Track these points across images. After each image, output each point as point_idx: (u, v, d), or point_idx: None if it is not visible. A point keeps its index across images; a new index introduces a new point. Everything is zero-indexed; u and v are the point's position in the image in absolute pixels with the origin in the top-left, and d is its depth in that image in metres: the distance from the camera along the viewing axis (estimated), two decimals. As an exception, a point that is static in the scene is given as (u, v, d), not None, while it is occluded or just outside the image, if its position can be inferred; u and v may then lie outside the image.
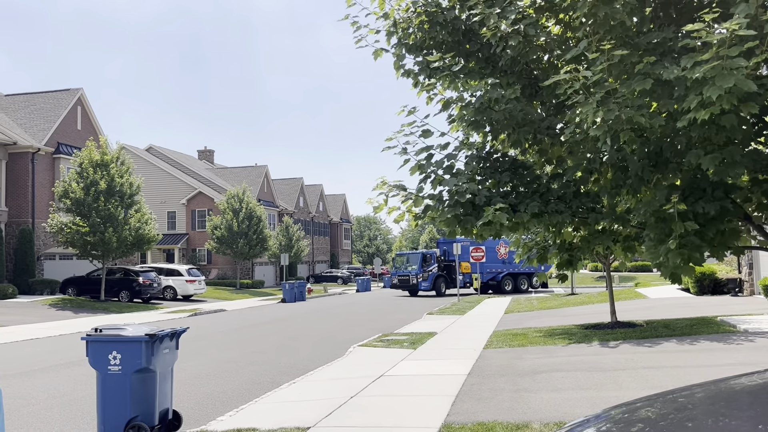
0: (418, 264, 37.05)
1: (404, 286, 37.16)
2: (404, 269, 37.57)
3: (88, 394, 8.48)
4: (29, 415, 7.83)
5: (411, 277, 36.64)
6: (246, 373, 10.71)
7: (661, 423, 2.38)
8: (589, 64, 5.97)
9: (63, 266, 32.59)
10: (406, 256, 38.97)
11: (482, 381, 8.82)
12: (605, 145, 5.79)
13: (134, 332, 6.38)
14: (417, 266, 37.01)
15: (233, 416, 7.33)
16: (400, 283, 37.53)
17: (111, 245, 26.58)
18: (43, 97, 35.32)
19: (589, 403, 7.13)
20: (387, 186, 7.11)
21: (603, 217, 7.14)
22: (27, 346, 15.12)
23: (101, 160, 27.51)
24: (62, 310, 24.54)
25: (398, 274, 37.98)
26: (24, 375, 10.76)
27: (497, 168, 7.40)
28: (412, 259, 37.91)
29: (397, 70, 7.49)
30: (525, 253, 10.39)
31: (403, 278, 37.31)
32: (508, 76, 7.15)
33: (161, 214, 45.82)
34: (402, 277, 37.38)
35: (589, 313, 18.57)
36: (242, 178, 50.73)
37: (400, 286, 37.64)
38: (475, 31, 7.14)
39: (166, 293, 32.10)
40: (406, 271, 37.28)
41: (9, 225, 30.80)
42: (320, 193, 67.07)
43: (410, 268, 37.13)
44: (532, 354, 11.15)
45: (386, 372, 9.83)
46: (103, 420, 6.35)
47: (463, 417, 6.77)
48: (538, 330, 14.77)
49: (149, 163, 47.38)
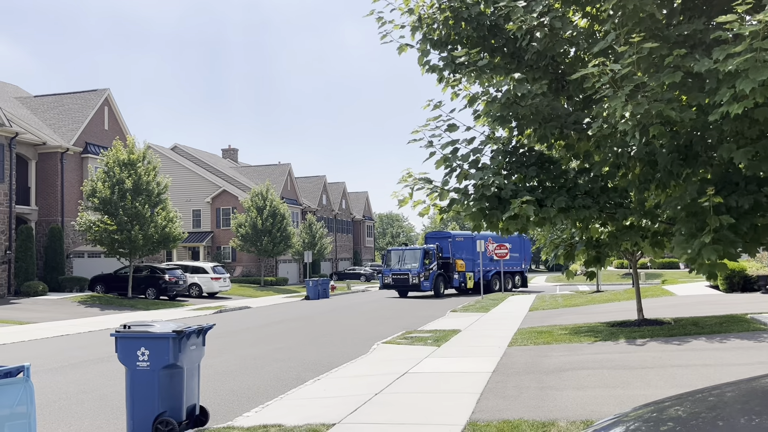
0: (419, 261, 32.78)
1: (401, 286, 33.04)
2: (401, 267, 33.36)
3: (118, 390, 8.61)
4: (60, 410, 7.98)
5: (410, 276, 32.51)
6: (271, 370, 10.78)
7: (692, 422, 2.33)
8: (617, 58, 5.88)
9: (91, 264, 33.15)
10: (401, 253, 34.37)
11: (507, 378, 8.76)
12: (634, 140, 5.70)
13: (162, 329, 6.45)
14: (418, 264, 32.72)
15: (259, 412, 7.37)
16: (396, 282, 33.23)
17: (137, 243, 26.97)
18: (71, 98, 35.92)
19: (616, 401, 7.04)
20: (412, 179, 7.08)
21: (631, 212, 7.05)
22: (57, 342, 15.40)
23: (128, 160, 27.91)
24: (91, 307, 24.96)
25: (393, 272, 33.46)
26: (55, 370, 10.96)
27: (523, 162, 7.34)
28: (411, 255, 33.61)
29: (422, 66, 7.47)
30: (552, 250, 10.29)
31: (399, 277, 33.03)
32: (534, 70, 7.08)
33: (186, 212, 46.36)
34: (398, 276, 33.07)
35: (615, 310, 18.34)
36: (266, 177, 51.07)
37: (394, 285, 33.39)
38: (500, 26, 7.09)
39: (191, 290, 32.46)
40: (403, 269, 33.04)
41: (39, 223, 31.41)
42: (343, 191, 67.22)
43: (409, 266, 32.96)
44: (557, 352, 11.04)
45: (410, 369, 9.82)
46: (132, 415, 6.44)
47: (489, 414, 6.73)
48: (563, 327, 14.62)
49: (174, 162, 47.94)
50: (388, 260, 34.59)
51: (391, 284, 33.57)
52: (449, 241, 35.35)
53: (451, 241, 35.21)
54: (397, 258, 34.06)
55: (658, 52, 5.43)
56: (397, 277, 33.16)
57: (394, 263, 33.92)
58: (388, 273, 33.82)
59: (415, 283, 32.53)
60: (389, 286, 33.73)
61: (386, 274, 33.96)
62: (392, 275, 33.45)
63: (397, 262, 33.81)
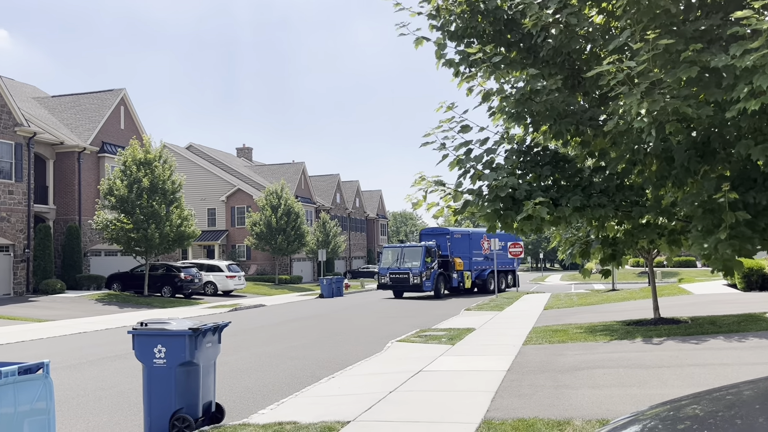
0: (421, 260, 30.11)
1: (401, 286, 30.45)
2: (399, 266, 30.55)
3: (135, 386, 8.70)
4: (79, 406, 8.08)
5: (411, 276, 29.87)
6: (286, 368, 10.83)
7: (710, 421, 2.32)
8: (632, 54, 5.84)
9: (108, 262, 33.49)
10: (399, 250, 31.40)
11: (522, 377, 8.73)
12: (650, 137, 5.66)
13: (178, 326, 6.51)
14: (419, 262, 30.06)
15: (274, 410, 7.41)
16: (394, 282, 30.56)
17: (153, 242, 27.21)
18: (87, 98, 36.28)
19: (632, 400, 6.99)
20: (426, 182, 7.10)
21: (647, 210, 6.99)
22: (76, 339, 15.59)
23: (144, 159, 28.16)
24: (108, 304, 25.22)
25: (391, 271, 30.64)
26: (73, 367, 11.09)
27: (538, 162, 7.31)
28: (411, 253, 30.78)
29: (438, 59, 7.45)
30: (567, 249, 10.23)
31: (398, 276, 30.32)
32: (549, 66, 7.05)
33: (201, 211, 46.68)
34: (397, 275, 30.36)
35: (630, 309, 18.20)
36: (280, 175, 51.26)
37: (393, 286, 30.72)
38: (516, 21, 7.06)
39: (206, 288, 32.69)
40: (402, 268, 30.29)
41: (57, 222, 31.79)
42: (356, 189, 67.31)
43: (409, 265, 30.28)
44: (572, 350, 10.99)
45: (425, 367, 9.82)
46: (149, 411, 6.50)
47: (503, 413, 6.71)
48: (578, 326, 14.54)
49: (190, 161, 48.27)
50: (385, 258, 31.65)
51: (388, 284, 31.00)
52: (447, 238, 32.89)
53: (449, 238, 32.83)
54: (395, 256, 31.23)
55: (674, 48, 5.38)
56: (396, 276, 30.53)
57: (391, 262, 31.10)
58: (385, 272, 31.03)
59: (416, 283, 29.99)
60: (386, 287, 31.15)
61: (383, 274, 31.19)
62: (390, 274, 30.74)
63: (395, 260, 30.96)
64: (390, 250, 32.01)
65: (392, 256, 31.28)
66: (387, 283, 30.97)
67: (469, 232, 33.65)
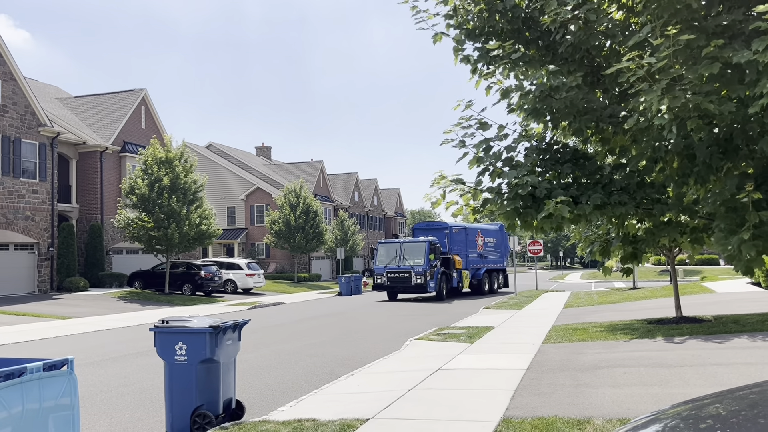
0: (425, 257, 26.82)
1: (401, 287, 27.10)
2: (399, 264, 27.20)
3: (157, 383, 8.80)
4: (102, 402, 8.20)
5: (414, 275, 26.63)
6: (305, 365, 10.89)
7: (732, 420, 2.29)
8: (653, 50, 5.77)
9: (130, 260, 33.91)
10: (398, 246, 27.96)
11: (541, 376, 8.69)
12: (671, 134, 5.58)
13: (199, 324, 6.58)
14: (423, 260, 26.80)
15: (293, 407, 7.46)
16: (394, 282, 27.18)
17: (174, 240, 27.50)
18: (109, 98, 36.75)
19: (653, 399, 6.93)
20: (445, 180, 7.09)
21: (669, 208, 6.91)
22: (99, 336, 15.81)
23: (165, 158, 28.45)
24: (130, 302, 25.54)
25: (389, 270, 27.23)
26: (96, 364, 11.26)
27: (558, 159, 7.26)
28: (413, 250, 27.40)
29: (456, 55, 7.43)
30: (587, 247, 10.15)
31: (398, 276, 26.98)
32: (568, 63, 7.00)
33: (221, 209, 47.07)
34: (397, 275, 27.02)
35: (652, 307, 18.01)
36: (299, 174, 51.49)
37: (392, 286, 27.36)
38: (534, 19, 7.02)
39: (226, 286, 32.95)
40: (403, 267, 26.94)
41: (80, 221, 32.26)
42: (375, 188, 67.37)
43: (411, 263, 26.98)
44: (592, 349, 10.90)
45: (443, 365, 9.81)
46: (170, 407, 6.58)
47: (523, 411, 6.69)
48: (598, 325, 14.42)
49: (209, 160, 48.68)
50: (381, 255, 28.10)
51: (386, 285, 27.49)
52: (446, 233, 29.45)
53: (448, 234, 29.43)
54: (393, 253, 27.74)
55: (695, 44, 5.30)
56: (395, 276, 27.15)
57: (389, 259, 27.65)
58: (382, 271, 27.51)
59: (420, 284, 26.59)
60: (383, 288, 27.67)
61: (379, 273, 27.65)
62: (389, 274, 27.25)
63: (393, 257, 27.55)
64: (387, 247, 28.45)
65: (390, 253, 27.89)
66: (384, 283, 27.55)
67: (466, 227, 30.78)
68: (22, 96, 27.37)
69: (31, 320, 19.42)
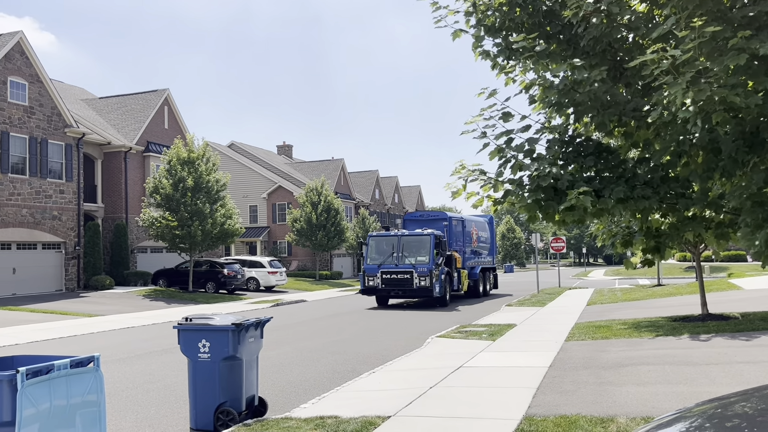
0: (430, 254, 21.72)
1: (401, 290, 21.93)
2: (398, 262, 21.95)
3: (181, 380, 8.91)
4: (128, 399, 8.32)
5: (416, 276, 21.51)
6: (327, 362, 10.93)
7: (759, 419, 2.26)
8: (677, 43, 5.68)
9: (154, 259, 34.35)
10: (396, 241, 22.45)
11: (564, 373, 8.62)
12: (696, 127, 5.49)
13: (221, 322, 6.64)
14: (428, 257, 21.69)
15: (315, 404, 7.49)
16: (391, 285, 21.93)
17: (197, 239, 27.79)
18: (132, 99, 37.22)
19: (678, 397, 6.83)
20: (466, 170, 7.03)
21: (694, 202, 6.80)
22: (124, 334, 16.05)
23: (188, 158, 28.74)
24: (155, 300, 25.87)
25: (384, 269, 21.96)
26: (122, 361, 11.43)
27: (580, 152, 7.18)
28: (415, 244, 22.18)
29: (475, 52, 7.40)
30: (609, 239, 10.03)
31: (397, 278, 21.79)
32: (590, 57, 6.91)
33: (243, 207, 47.45)
34: (396, 276, 21.80)
35: (677, 304, 17.76)
36: (320, 172, 51.67)
37: (388, 290, 22.13)
38: (555, 12, 6.95)
39: (249, 284, 33.20)
40: (403, 266, 21.75)
41: (105, 220, 32.76)
42: (395, 185, 67.35)
43: (412, 261, 21.84)
44: (616, 347, 10.79)
45: (465, 363, 9.78)
46: (194, 404, 6.66)
47: (545, 409, 6.64)
48: (622, 322, 14.27)
49: (231, 159, 49.08)
50: (373, 252, 22.72)
51: (380, 288, 22.12)
52: (445, 225, 24.87)
53: (448, 226, 24.90)
54: (389, 249, 22.39)
55: (721, 36, 5.21)
56: (393, 277, 21.82)
57: (384, 257, 22.34)
58: (375, 271, 22.10)
59: (424, 287, 21.42)
60: (375, 291, 22.32)
61: (372, 273, 22.20)
62: (384, 275, 21.94)
63: (390, 254, 22.21)
64: (381, 241, 22.93)
65: (385, 249, 22.50)
66: (377, 286, 22.10)
67: (463, 219, 26.95)
68: (49, 98, 27.85)
69: (59, 318, 19.78)
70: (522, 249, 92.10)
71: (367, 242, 23.20)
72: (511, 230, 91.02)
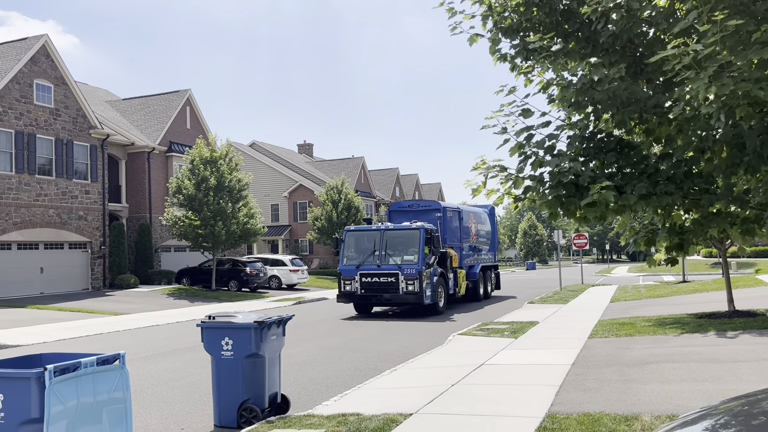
0: (419, 251, 17.86)
1: (384, 296, 17.95)
2: (380, 263, 18.06)
3: (205, 377, 9.02)
4: (153, 396, 8.46)
5: (403, 280, 17.63)
6: (348, 360, 10.98)
7: (787, 416, 2.23)
8: (699, 37, 5.60)
9: (177, 257, 34.77)
10: (378, 236, 18.50)
11: (587, 371, 8.56)
12: (719, 122, 5.42)
13: (244, 320, 6.71)
14: (416, 256, 17.88)
15: (337, 401, 7.54)
16: (372, 291, 18.01)
17: (220, 238, 28.08)
18: (155, 100, 37.68)
19: (704, 396, 6.75)
20: (486, 166, 7.00)
21: (718, 198, 6.70)
22: (149, 332, 16.28)
23: (210, 157, 29.03)
24: (178, 298, 26.19)
25: (364, 271, 18.05)
26: (147, 359, 11.60)
27: (601, 148, 7.11)
28: (400, 241, 18.36)
29: (493, 55, 7.38)
30: (631, 236, 9.92)
31: (380, 281, 17.90)
32: (610, 54, 6.85)
33: (265, 206, 47.80)
34: (378, 279, 17.93)
35: (702, 301, 17.51)
36: (340, 170, 51.84)
37: (368, 297, 18.15)
38: (573, 10, 6.90)
39: (271, 282, 33.45)
40: (387, 267, 17.91)
41: (130, 220, 33.24)
42: (416, 183, 67.30)
43: (397, 260, 18.01)
44: (640, 344, 10.68)
45: (487, 361, 9.76)
46: (218, 401, 6.75)
47: (568, 407, 6.61)
48: (646, 319, 14.11)
49: (253, 159, 49.46)
50: (350, 250, 18.85)
51: (358, 294, 18.21)
52: (438, 217, 20.78)
53: (441, 218, 20.84)
54: (370, 245, 18.52)
55: (744, 29, 5.13)
56: (375, 281, 17.95)
57: (363, 256, 18.48)
58: (353, 273, 18.21)
59: (413, 292, 17.53)
60: (353, 297, 18.40)
61: (349, 275, 18.32)
62: (364, 278, 18.04)
63: (370, 253, 18.37)
64: (359, 236, 19.01)
65: (365, 246, 18.65)
66: (355, 291, 18.21)
67: (460, 209, 22.98)
68: (74, 100, 28.32)
69: (85, 316, 20.13)
70: (544, 246, 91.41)
71: (343, 238, 19.21)
72: (533, 227, 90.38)
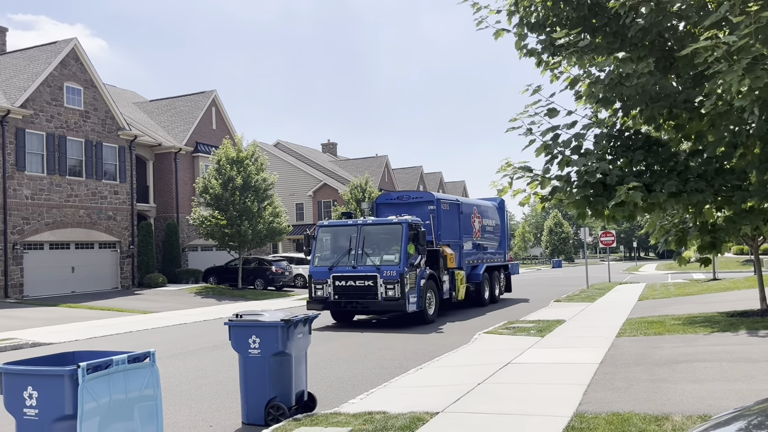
0: (401, 250, 15.48)
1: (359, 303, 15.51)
2: (356, 264, 15.63)
3: (232, 375, 9.11)
4: (181, 393, 8.57)
5: (382, 283, 15.23)
6: (374, 358, 11.00)
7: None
8: (731, 29, 5.48)
9: (204, 257, 35.17)
10: (355, 231, 16.03)
11: (615, 370, 8.45)
12: (752, 116, 5.30)
13: (271, 318, 6.76)
14: (397, 255, 15.46)
15: (363, 399, 7.56)
16: (345, 295, 15.59)
17: (246, 237, 28.34)
18: (181, 101, 38.15)
19: (737, 395, 6.62)
20: (512, 168, 6.97)
21: (751, 194, 6.56)
22: (177, 330, 16.50)
23: (237, 157, 29.30)
24: (206, 297, 26.49)
25: (338, 274, 15.68)
26: (176, 357, 11.75)
27: (629, 146, 7.00)
28: (379, 237, 16.03)
29: (519, 50, 7.32)
30: (661, 236, 9.76)
31: (355, 285, 15.54)
32: (638, 49, 6.74)
33: (290, 205, 48.09)
34: (352, 283, 15.57)
35: (733, 299, 17.17)
36: (364, 169, 51.91)
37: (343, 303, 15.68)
38: (601, 5, 6.80)
39: (296, 281, 33.66)
40: (363, 268, 15.52)
41: (157, 219, 33.72)
42: (440, 181, 67.09)
43: (375, 261, 15.60)
44: (670, 343, 10.51)
45: (513, 359, 9.70)
46: (245, 399, 6.81)
47: (596, 406, 6.53)
48: (676, 317, 13.88)
49: (277, 158, 49.80)
50: (324, 248, 16.44)
51: (332, 300, 15.78)
52: (431, 210, 18.15)
53: (435, 211, 18.23)
54: (344, 243, 16.10)
55: (778, 21, 5.01)
56: (350, 284, 15.60)
57: (337, 255, 16.04)
58: (326, 275, 15.83)
59: (393, 297, 15.16)
60: (327, 304, 15.84)
61: (321, 278, 15.93)
62: (336, 281, 15.71)
63: (345, 252, 15.93)
64: (333, 233, 16.58)
65: (339, 244, 16.27)
66: (328, 297, 15.82)
67: (459, 202, 20.44)
68: (102, 102, 28.80)
69: (115, 315, 20.47)
70: (570, 244, 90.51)
71: (314, 234, 16.57)
72: (559, 224, 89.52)
